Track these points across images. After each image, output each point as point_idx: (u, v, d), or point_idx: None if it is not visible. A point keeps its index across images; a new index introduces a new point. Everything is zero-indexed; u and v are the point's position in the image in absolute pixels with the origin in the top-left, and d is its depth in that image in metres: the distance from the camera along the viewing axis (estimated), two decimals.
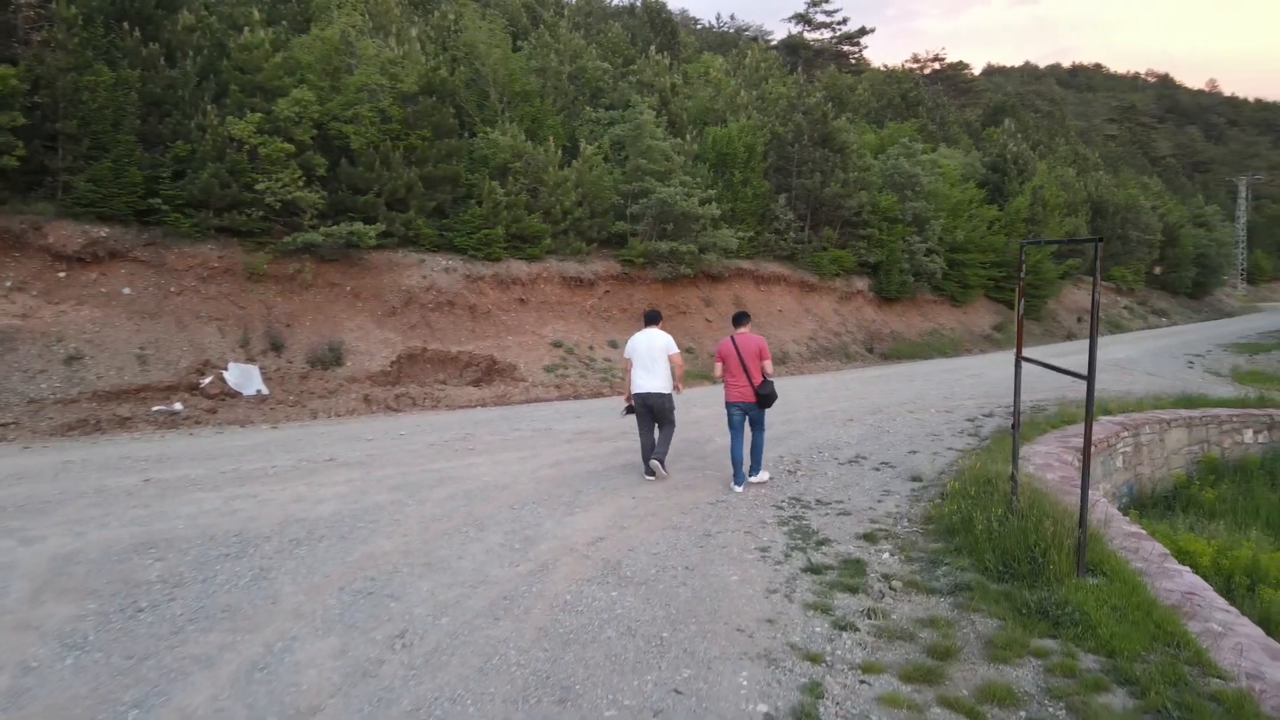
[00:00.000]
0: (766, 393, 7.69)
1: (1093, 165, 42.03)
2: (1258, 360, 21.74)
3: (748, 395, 7.72)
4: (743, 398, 7.76)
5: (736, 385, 7.78)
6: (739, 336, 7.86)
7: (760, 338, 7.97)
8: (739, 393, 7.78)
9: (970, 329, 25.59)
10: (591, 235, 18.81)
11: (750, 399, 7.73)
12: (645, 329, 8.26)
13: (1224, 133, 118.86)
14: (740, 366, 7.73)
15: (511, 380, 15.17)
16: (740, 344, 7.77)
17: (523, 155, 18.01)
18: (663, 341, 8.08)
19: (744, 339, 7.82)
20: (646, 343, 8.07)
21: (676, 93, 24.13)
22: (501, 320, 16.47)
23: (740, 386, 7.75)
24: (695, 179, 19.87)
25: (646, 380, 7.97)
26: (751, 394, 7.70)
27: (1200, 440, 12.26)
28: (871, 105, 36.08)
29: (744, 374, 7.72)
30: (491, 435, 10.26)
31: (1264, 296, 64.59)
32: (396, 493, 7.30)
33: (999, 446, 9.45)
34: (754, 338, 7.88)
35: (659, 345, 8.05)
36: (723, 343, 7.96)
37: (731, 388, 7.84)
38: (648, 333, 8.17)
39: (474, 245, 16.78)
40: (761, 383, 7.69)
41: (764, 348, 7.86)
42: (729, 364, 7.83)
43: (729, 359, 7.81)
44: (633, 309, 18.68)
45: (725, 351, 7.86)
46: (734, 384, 7.81)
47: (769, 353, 7.99)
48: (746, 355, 7.72)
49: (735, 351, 7.76)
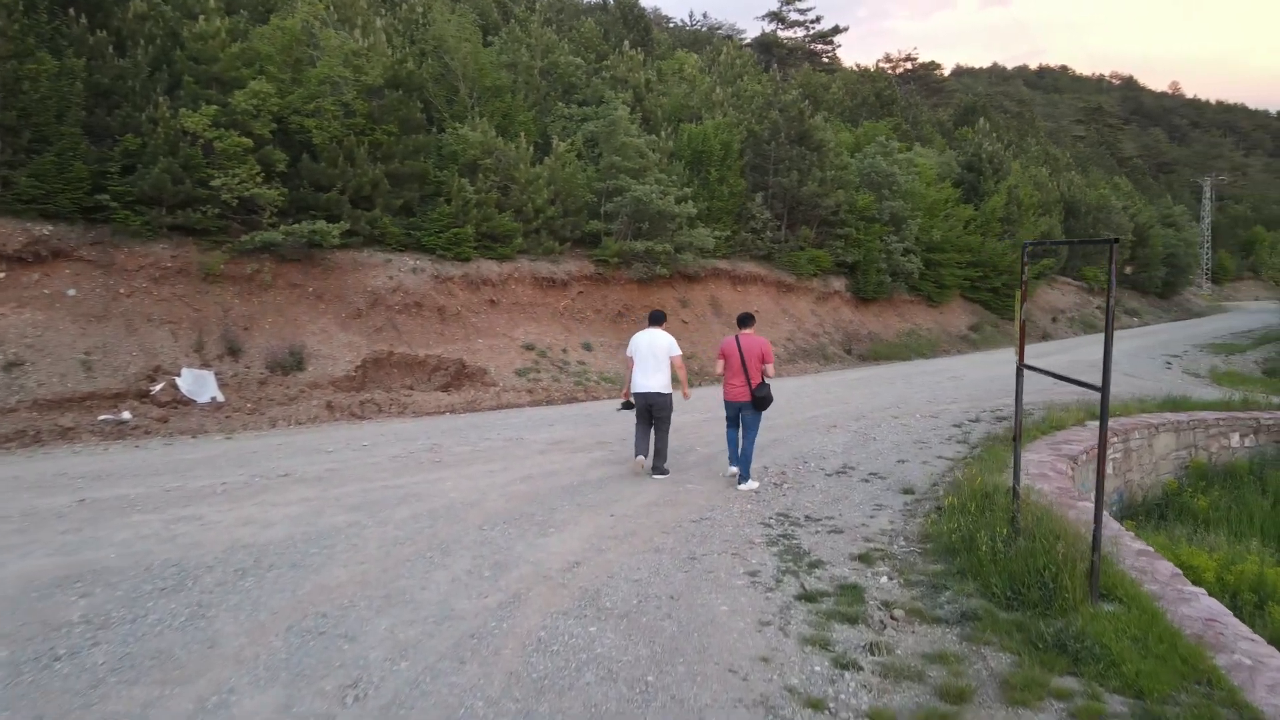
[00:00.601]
0: (762, 395, 7.77)
1: (1064, 165, 42.25)
2: (1233, 361, 21.78)
3: (744, 395, 7.82)
4: (739, 397, 7.87)
5: (734, 384, 7.88)
6: (743, 337, 7.91)
7: (764, 340, 8.04)
8: (737, 392, 7.88)
9: (947, 329, 25.43)
10: (564, 234, 18.29)
11: (746, 398, 7.81)
12: (648, 329, 8.32)
13: (1186, 134, 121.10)
14: (741, 366, 7.82)
15: (482, 385, 14.63)
16: (744, 344, 7.85)
17: (493, 152, 17.46)
18: (665, 342, 8.15)
19: (748, 339, 7.89)
20: (648, 342, 8.13)
21: (651, 89, 23.68)
22: (471, 322, 15.91)
23: (738, 386, 7.85)
24: (671, 177, 19.43)
25: (646, 380, 8.06)
26: (748, 394, 7.78)
27: (1188, 445, 12.05)
28: (846, 104, 35.91)
29: (743, 374, 7.81)
30: (460, 446, 9.73)
31: (1227, 296, 65.64)
32: (356, 513, 6.76)
33: (991, 455, 9.11)
34: (758, 339, 7.95)
35: (661, 346, 8.11)
36: (726, 341, 8.04)
37: (730, 386, 7.95)
38: (650, 332, 8.22)
39: (443, 245, 16.21)
40: (759, 384, 7.77)
41: (767, 350, 7.94)
42: (730, 363, 7.92)
43: (731, 358, 7.91)
44: (607, 310, 18.21)
45: (728, 350, 7.95)
46: (732, 383, 7.91)
47: (772, 355, 8.06)
48: (749, 356, 7.81)
49: (738, 351, 7.84)
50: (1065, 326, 30.05)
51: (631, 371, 8.24)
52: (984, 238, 27.09)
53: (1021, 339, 6.54)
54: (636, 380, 8.15)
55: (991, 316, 27.39)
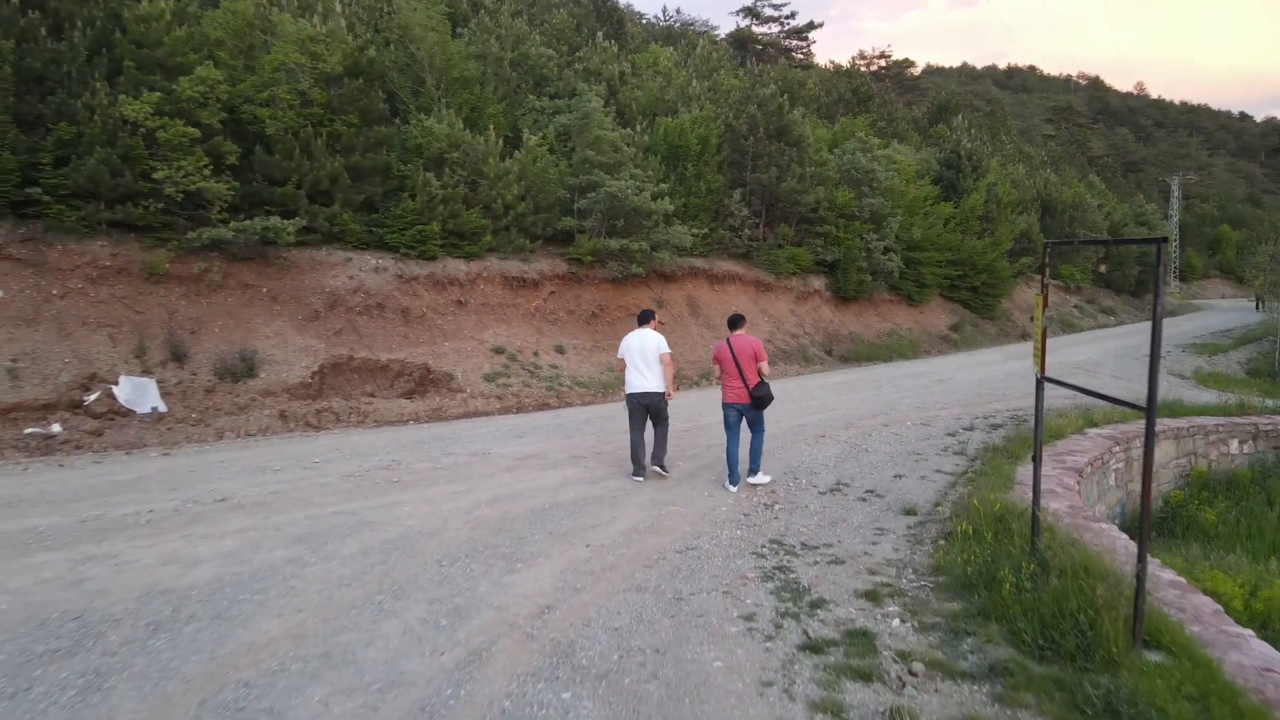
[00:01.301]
0: (761, 394, 7.82)
1: (1040, 163, 42.17)
2: (1217, 361, 21.55)
3: (743, 397, 7.85)
4: (738, 399, 7.89)
5: (732, 387, 7.91)
6: (735, 339, 7.98)
7: (755, 340, 8.04)
8: (734, 394, 7.91)
9: (927, 330, 25.00)
10: (536, 232, 17.51)
11: (745, 399, 7.84)
12: (638, 329, 8.32)
13: (1151, 134, 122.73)
14: (735, 368, 7.84)
15: (448, 391, 13.83)
16: (736, 346, 7.88)
17: (460, 145, 16.63)
18: (655, 341, 8.15)
19: (739, 341, 7.93)
20: (639, 343, 8.15)
21: (625, 82, 22.93)
22: (437, 324, 15.09)
23: (736, 388, 7.88)
24: (646, 173, 18.73)
25: (640, 380, 8.08)
26: (747, 395, 7.82)
27: (1188, 452, 11.59)
28: (822, 101, 35.41)
29: (739, 376, 7.84)
30: (422, 462, 8.95)
31: (1194, 294, 66.26)
32: (298, 546, 5.99)
33: (994, 470, 8.52)
34: (749, 340, 7.97)
35: (651, 345, 8.12)
36: (719, 345, 8.09)
37: (727, 389, 7.96)
38: (640, 333, 8.24)
39: (407, 242, 15.36)
40: (756, 384, 7.82)
41: (759, 350, 7.94)
42: (725, 366, 7.96)
43: (725, 361, 7.95)
44: (580, 311, 17.47)
45: (721, 354, 8.01)
46: (730, 386, 7.93)
47: (765, 354, 8.08)
48: (742, 357, 7.83)
49: (731, 354, 7.87)
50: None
51: (625, 374, 8.24)
52: (963, 236, 26.69)
53: (1043, 349, 5.92)
54: (631, 381, 8.13)
55: (971, 316, 27.02)
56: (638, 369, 8.10)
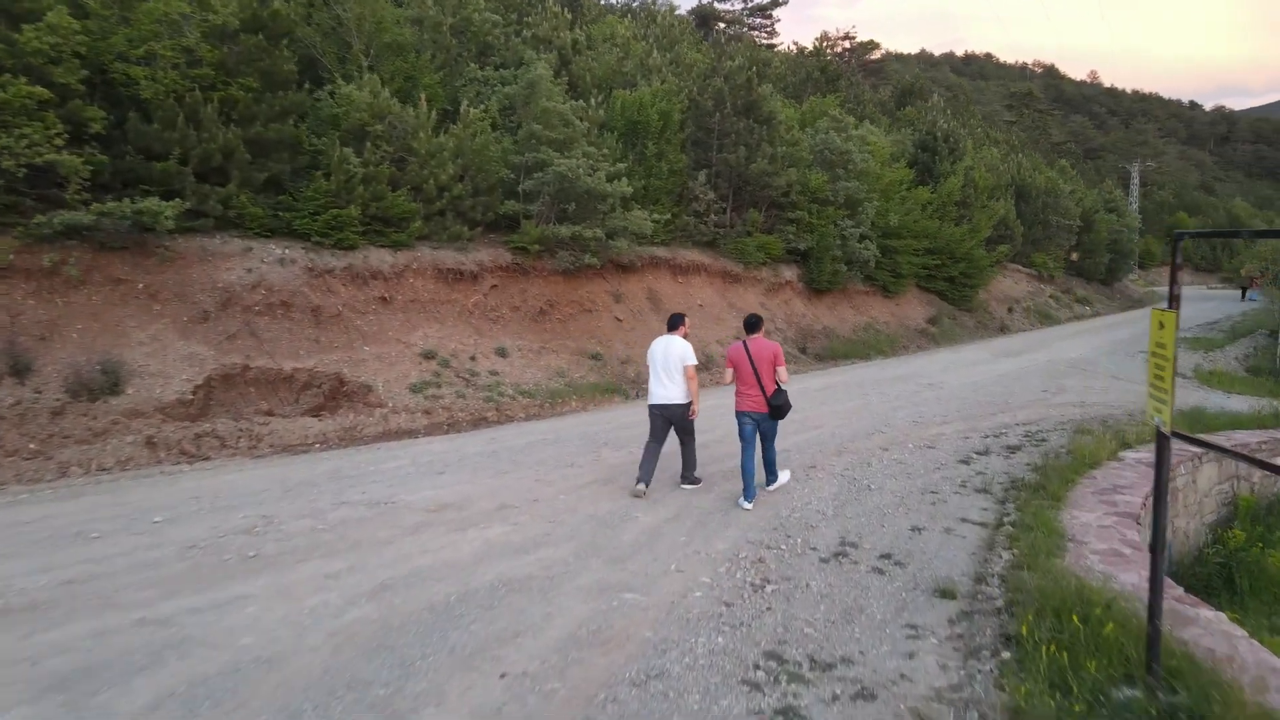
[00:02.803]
0: (779, 403, 7.31)
1: (1012, 148, 40.92)
2: (1214, 358, 20.24)
3: (760, 405, 7.34)
4: (755, 407, 7.38)
5: (748, 394, 7.39)
6: (751, 342, 7.46)
7: (775, 344, 7.49)
8: (751, 402, 7.39)
9: (905, 323, 23.34)
10: (475, 217, 15.35)
11: (763, 409, 7.35)
12: (665, 335, 7.89)
13: (1105, 121, 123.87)
14: (753, 374, 7.32)
15: (365, 406, 11.68)
16: (753, 350, 7.37)
17: (386, 116, 14.38)
18: (680, 350, 7.68)
19: (757, 344, 7.41)
20: (664, 350, 7.70)
21: (579, 51, 20.77)
22: (355, 326, 12.90)
23: (753, 396, 7.36)
24: (602, 151, 16.64)
25: (662, 390, 7.63)
26: (764, 404, 7.32)
27: (1230, 476, 9.96)
28: (789, 80, 33.53)
29: (756, 382, 7.33)
30: (301, 518, 6.83)
31: (1153, 281, 66.16)
32: (47, 703, 3.89)
33: (1036, 520, 6.70)
34: (768, 343, 7.44)
35: (676, 354, 7.65)
36: (733, 348, 7.56)
37: (743, 396, 7.45)
38: (666, 339, 7.80)
39: (319, 229, 13.11)
40: (774, 392, 7.31)
41: (779, 354, 7.41)
42: (740, 371, 7.44)
43: (740, 365, 7.42)
44: (526, 307, 15.38)
45: (737, 357, 7.47)
46: (745, 393, 7.42)
47: (784, 359, 7.50)
48: (760, 362, 7.31)
49: (747, 357, 7.36)
50: (1021, 317, 28.40)
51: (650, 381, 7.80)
52: (941, 223, 25.08)
53: (1171, 387, 4.07)
54: (653, 391, 7.70)
55: (949, 308, 25.46)
56: (659, 378, 7.64)
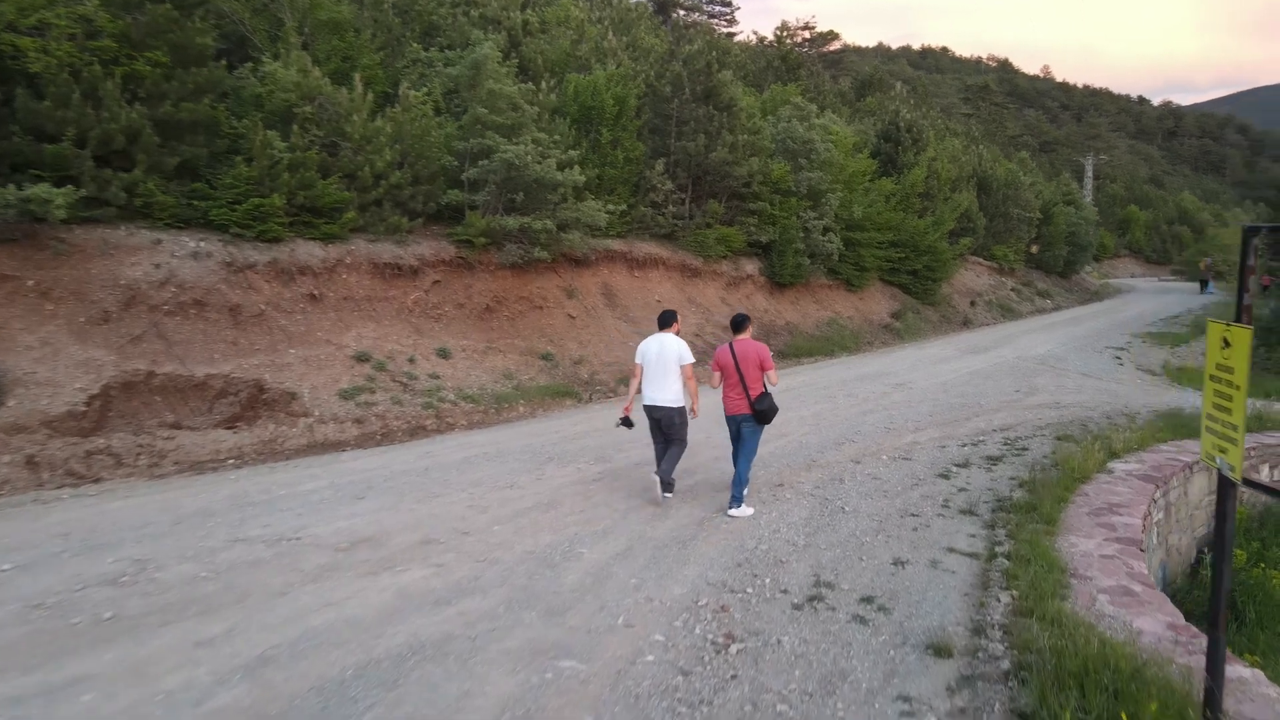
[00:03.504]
0: (764, 407, 7.09)
1: (973, 139, 40.67)
2: (1180, 354, 19.90)
3: (744, 407, 7.15)
4: (739, 410, 7.20)
5: (732, 397, 7.24)
6: (737, 343, 7.28)
7: (761, 344, 7.28)
8: (734, 404, 7.23)
9: (868, 318, 22.71)
10: (415, 208, 14.25)
11: (746, 410, 7.12)
12: (658, 333, 7.62)
13: (1057, 116, 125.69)
14: (738, 376, 7.13)
15: (288, 415, 10.58)
16: (738, 351, 7.17)
17: (316, 97, 13.22)
18: (675, 349, 7.41)
19: (743, 346, 7.22)
20: (658, 349, 7.45)
21: (530, 33, 19.70)
22: (280, 326, 11.76)
23: (736, 399, 7.20)
24: (553, 137, 15.64)
25: (655, 392, 7.39)
26: (748, 406, 7.10)
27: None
28: (750, 68, 32.73)
29: (740, 384, 7.12)
30: (181, 562, 5.78)
31: (1107, 273, 66.94)
32: None
33: (1032, 550, 5.92)
34: (754, 344, 7.24)
35: (671, 353, 7.39)
36: (720, 350, 7.41)
37: (727, 399, 7.30)
38: (660, 338, 7.55)
39: (240, 220, 11.93)
40: (759, 396, 7.10)
41: (766, 356, 7.19)
42: (726, 374, 7.27)
43: (726, 368, 7.24)
44: (471, 304, 14.34)
45: (723, 360, 7.28)
46: (731, 396, 7.26)
47: (772, 361, 7.27)
48: (745, 364, 7.11)
49: (733, 359, 7.17)
50: (984, 311, 28.00)
51: (639, 382, 7.51)
52: (904, 214, 24.50)
53: (1243, 421, 3.27)
54: (646, 393, 7.44)
55: (913, 302, 24.91)
56: (653, 379, 7.37)
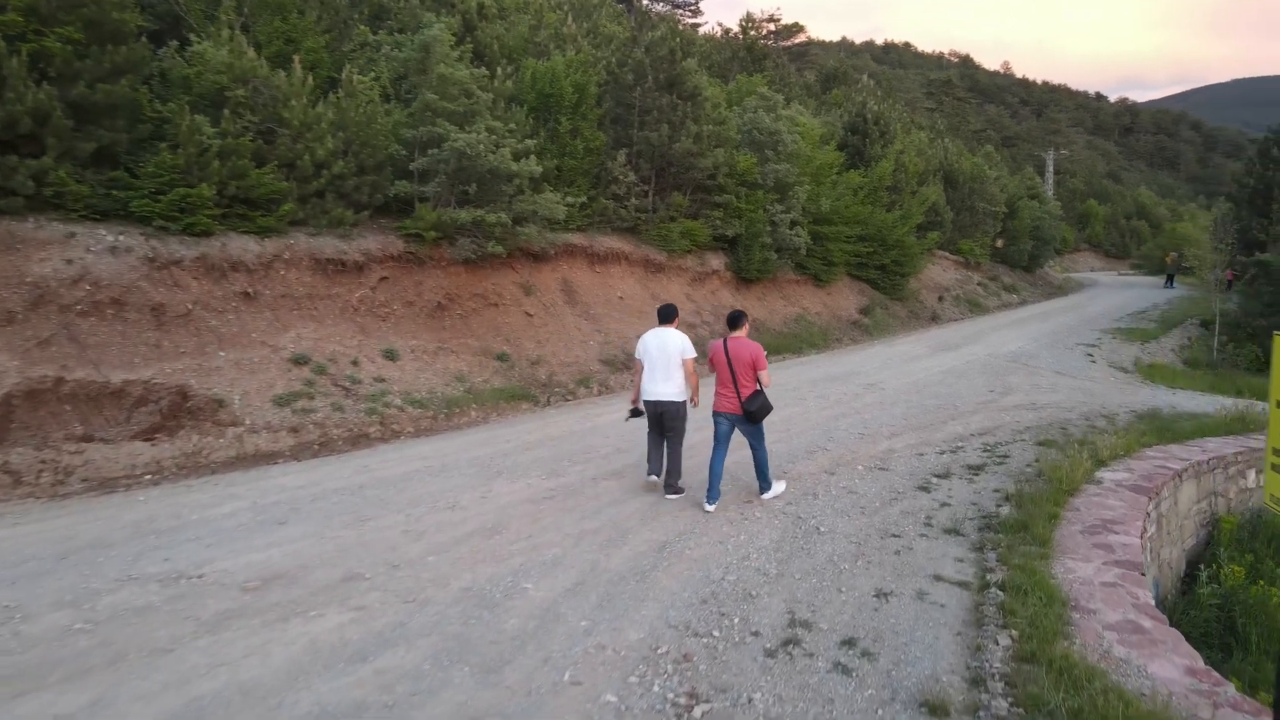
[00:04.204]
0: (754, 408, 7.07)
1: (938, 133, 40.50)
2: (1151, 350, 19.71)
3: (734, 407, 7.16)
4: (729, 409, 7.21)
5: (724, 395, 7.26)
6: (732, 341, 7.26)
7: (755, 344, 7.28)
8: (726, 403, 7.24)
9: (836, 314, 22.23)
10: (360, 200, 13.39)
11: (736, 410, 7.15)
12: (658, 327, 7.63)
13: (1018, 111, 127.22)
14: (729, 375, 7.15)
15: (214, 425, 9.71)
16: (731, 350, 7.18)
17: (250, 80, 12.30)
18: (677, 343, 7.46)
19: (736, 344, 7.21)
20: (658, 343, 7.49)
21: (486, 17, 18.81)
22: (209, 327, 10.86)
23: (728, 397, 7.21)
24: (508, 126, 14.84)
25: (656, 386, 7.43)
26: (739, 406, 7.13)
27: (1208, 493, 8.93)
28: (715, 59, 32.07)
29: (732, 383, 7.14)
30: (55, 609, 4.95)
31: (1067, 267, 67.65)
32: None
33: (1027, 578, 5.35)
34: (748, 343, 7.23)
35: (672, 347, 7.44)
36: (714, 345, 7.43)
37: (719, 396, 7.31)
38: (660, 332, 7.57)
39: (165, 211, 10.99)
40: (750, 396, 7.09)
41: (759, 356, 7.21)
42: (718, 371, 7.30)
43: (719, 366, 7.27)
44: (421, 302, 13.52)
45: (715, 357, 7.32)
46: (721, 393, 7.29)
47: (765, 361, 7.25)
48: (737, 363, 7.12)
49: (725, 357, 7.18)
50: (952, 306, 27.71)
51: (639, 376, 7.58)
52: (872, 208, 24.06)
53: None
54: (645, 387, 7.49)
55: (881, 298, 24.48)
56: (654, 374, 7.41)
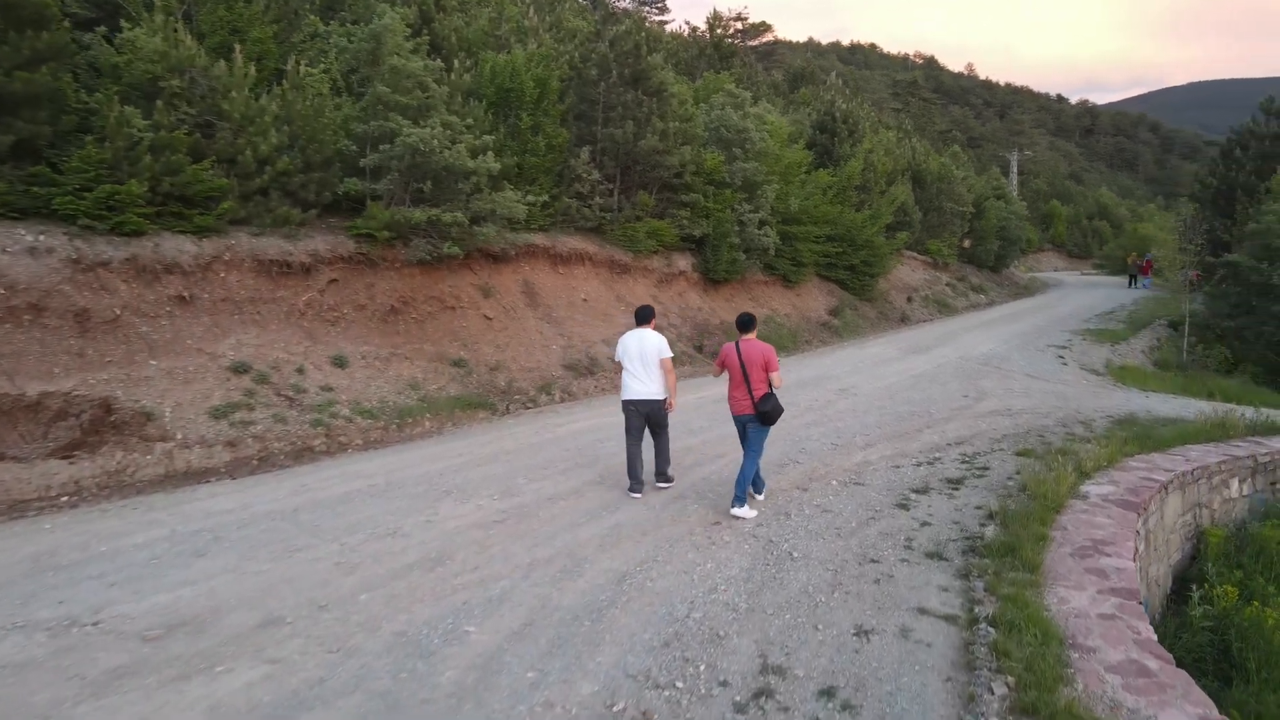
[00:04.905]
0: (767, 409, 7.05)
1: (906, 133, 40.44)
2: (1121, 351, 19.58)
3: (748, 408, 7.16)
4: (742, 410, 7.23)
5: (738, 397, 7.27)
6: (744, 343, 7.23)
7: (767, 345, 7.27)
8: (739, 405, 7.26)
9: (806, 315, 21.86)
10: (308, 197, 12.68)
11: (750, 411, 7.13)
12: (636, 329, 7.77)
13: (982, 113, 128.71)
14: (743, 377, 7.12)
15: (141, 440, 8.99)
16: (745, 351, 7.17)
17: (186, 70, 11.56)
18: (655, 343, 7.62)
19: (749, 346, 7.20)
20: (638, 344, 7.62)
21: (444, 8, 18.15)
22: (140, 333, 10.11)
23: (740, 399, 7.23)
24: (465, 121, 14.21)
25: (637, 386, 7.55)
26: (751, 407, 7.10)
27: (1193, 504, 8.59)
28: (682, 56, 31.62)
29: (745, 385, 7.12)
30: None
31: (1031, 267, 68.33)
32: None
33: (1020, 613, 4.89)
34: (760, 345, 7.23)
35: (651, 347, 7.58)
36: (725, 348, 7.40)
37: (732, 399, 7.35)
38: (638, 333, 7.71)
39: (90, 210, 10.21)
40: (763, 397, 7.06)
41: (771, 358, 7.17)
42: (730, 372, 7.29)
43: (731, 367, 7.26)
44: (374, 306, 12.85)
45: (728, 359, 7.29)
46: (735, 396, 7.29)
47: (777, 363, 7.24)
48: (750, 365, 7.10)
49: (739, 360, 7.16)
50: (921, 307, 27.53)
51: (621, 378, 7.68)
52: (841, 208, 23.75)
53: None
54: (628, 386, 7.62)
55: (850, 298, 24.17)
56: (635, 373, 7.55)
